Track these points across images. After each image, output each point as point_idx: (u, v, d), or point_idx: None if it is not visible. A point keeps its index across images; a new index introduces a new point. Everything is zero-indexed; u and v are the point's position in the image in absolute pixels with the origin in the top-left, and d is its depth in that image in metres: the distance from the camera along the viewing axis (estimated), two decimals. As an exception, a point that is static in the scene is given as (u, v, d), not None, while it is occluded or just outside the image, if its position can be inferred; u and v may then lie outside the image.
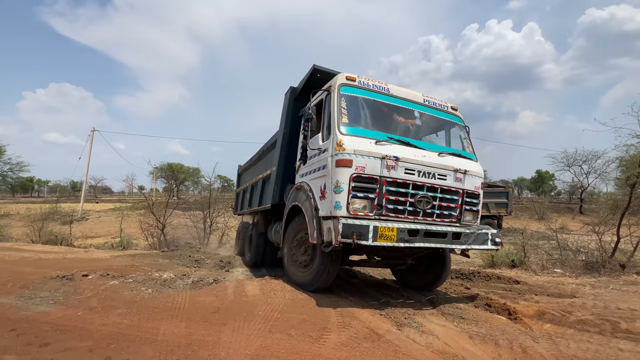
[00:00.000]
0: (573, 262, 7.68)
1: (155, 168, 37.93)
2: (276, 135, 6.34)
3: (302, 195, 4.72)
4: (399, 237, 3.75)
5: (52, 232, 12.82)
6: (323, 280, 4.32)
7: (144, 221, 12.84)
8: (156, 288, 4.33)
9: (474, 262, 9.38)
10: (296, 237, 4.93)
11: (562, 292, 5.31)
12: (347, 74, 4.53)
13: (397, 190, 4.06)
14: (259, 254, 7.36)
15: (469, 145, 5.06)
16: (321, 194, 4.21)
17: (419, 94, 4.99)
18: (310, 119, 4.61)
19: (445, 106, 5.12)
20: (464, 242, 4.20)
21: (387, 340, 2.98)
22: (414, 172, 4.15)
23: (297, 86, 5.78)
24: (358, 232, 3.60)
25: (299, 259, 4.80)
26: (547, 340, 3.20)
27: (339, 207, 3.86)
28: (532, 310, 4.03)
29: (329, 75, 4.99)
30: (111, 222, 22.95)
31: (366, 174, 3.94)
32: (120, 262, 6.29)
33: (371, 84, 4.60)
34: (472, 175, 4.57)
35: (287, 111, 5.79)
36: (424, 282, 5.32)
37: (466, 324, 3.61)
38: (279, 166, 5.90)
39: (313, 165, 4.60)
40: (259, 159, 8.11)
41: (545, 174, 48.82)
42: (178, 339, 2.84)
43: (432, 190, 4.25)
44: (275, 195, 5.95)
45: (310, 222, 4.26)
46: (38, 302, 3.73)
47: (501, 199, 19.97)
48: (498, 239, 4.45)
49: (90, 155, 30.23)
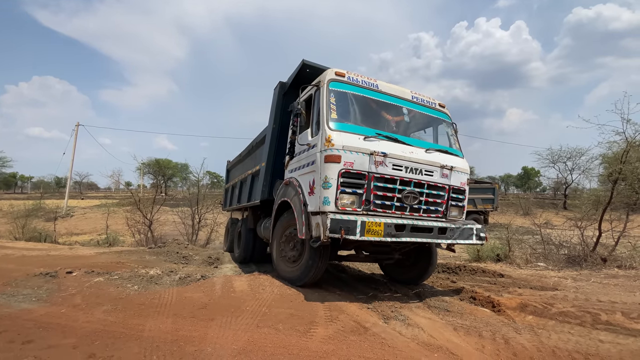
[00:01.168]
0: (556, 256, 7.88)
1: (142, 164, 37.33)
2: (265, 130, 6.27)
3: (290, 191, 4.72)
4: (386, 232, 3.80)
5: (35, 229, 12.53)
6: (311, 275, 4.35)
7: (131, 218, 12.65)
8: (142, 285, 4.28)
9: (460, 256, 9.54)
10: (285, 232, 4.93)
11: (544, 285, 5.45)
12: (337, 70, 4.52)
13: (384, 186, 4.11)
14: (247, 250, 7.35)
15: (456, 142, 5.13)
16: (310, 189, 4.22)
17: (408, 90, 5.00)
18: (300, 114, 4.60)
19: (433, 103, 5.17)
20: (450, 237, 4.27)
21: (374, 333, 3.02)
22: (401, 168, 4.21)
23: (286, 81, 5.73)
24: (346, 227, 3.64)
25: (287, 255, 4.81)
26: (529, 331, 3.28)
27: (328, 202, 3.89)
28: (515, 302, 4.12)
29: (318, 70, 4.98)
30: (97, 218, 22.54)
31: (354, 170, 3.97)
32: (106, 259, 6.19)
33: (360, 80, 4.60)
34: (458, 171, 4.65)
35: (277, 106, 5.74)
36: (411, 276, 5.40)
37: (451, 316, 3.69)
38: (268, 162, 5.86)
39: (302, 160, 4.60)
40: (248, 154, 8.04)
41: (531, 171, 49.86)
42: (164, 335, 2.82)
43: (419, 186, 4.33)
44: (265, 191, 5.93)
45: (299, 217, 4.28)
46: (21, 300, 3.65)
47: (488, 194, 20.35)
48: (483, 234, 4.54)
49: (75, 150, 29.56)
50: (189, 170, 40.15)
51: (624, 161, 7.43)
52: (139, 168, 40.01)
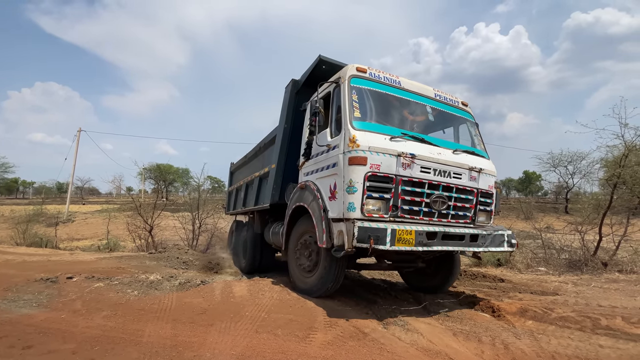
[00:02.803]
0: (557, 260, 7.85)
1: (143, 169, 37.45)
2: (275, 130, 5.98)
3: (308, 195, 4.40)
4: (418, 241, 3.50)
5: (36, 234, 12.54)
6: (328, 286, 4.07)
7: (132, 223, 12.63)
8: (142, 290, 4.29)
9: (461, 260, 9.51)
10: (300, 239, 4.63)
11: (545, 289, 5.44)
12: (358, 65, 4.22)
13: (413, 190, 3.82)
14: (255, 258, 6.90)
15: (481, 142, 4.83)
16: (331, 194, 3.92)
17: (430, 88, 4.74)
18: (318, 113, 4.18)
19: (456, 101, 4.91)
20: (481, 245, 4.00)
21: (373, 339, 3.02)
22: (429, 170, 3.91)
23: (299, 79, 5.44)
24: (375, 235, 3.34)
25: (303, 264, 4.49)
26: (529, 336, 3.28)
27: (353, 208, 3.57)
28: (515, 307, 4.12)
29: (336, 67, 4.73)
30: (98, 223, 22.55)
31: (382, 173, 3.67)
32: (106, 264, 6.21)
33: (382, 76, 4.31)
34: (486, 173, 4.37)
35: (288, 105, 5.43)
36: (434, 283, 5.11)
37: (451, 321, 3.68)
38: (279, 163, 5.54)
39: (320, 163, 4.30)
40: (255, 155, 7.65)
41: (532, 175, 49.72)
42: (163, 341, 2.83)
43: (447, 190, 4.03)
44: (275, 194, 5.58)
45: (319, 224, 3.98)
46: (21, 305, 3.67)
47: (489, 199, 20.27)
48: (514, 240, 4.28)
49: (77, 155, 29.59)
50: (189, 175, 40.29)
51: (623, 165, 7.44)
52: (140, 173, 40.15)
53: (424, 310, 4.08)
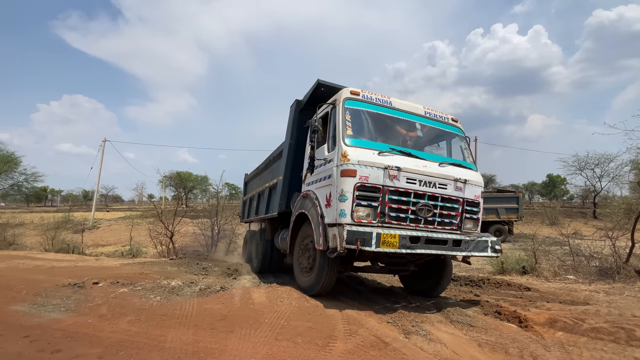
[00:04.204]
0: (586, 268, 7.50)
1: (164, 177, 38.40)
2: (282, 145, 6.52)
3: (308, 203, 4.86)
4: (401, 244, 3.89)
5: (64, 240, 13.05)
6: (322, 284, 4.46)
7: (153, 229, 12.97)
8: (164, 296, 4.37)
9: (483, 268, 9.24)
10: (302, 243, 5.09)
11: (574, 299, 5.20)
12: (352, 89, 4.70)
13: (399, 199, 4.20)
14: (265, 260, 7.58)
15: (469, 156, 5.22)
16: (327, 202, 4.35)
17: (420, 106, 5.13)
18: (317, 131, 4.79)
19: (446, 118, 5.28)
20: (464, 249, 4.32)
21: (394, 349, 2.95)
22: (415, 181, 4.30)
23: (302, 99, 5.99)
24: (362, 238, 3.74)
25: (303, 264, 4.96)
26: (559, 348, 3.13)
27: (344, 214, 4.00)
28: (543, 317, 3.95)
29: (333, 89, 5.21)
30: (121, 230, 23.27)
31: (369, 184, 4.09)
32: (130, 270, 6.37)
33: (374, 98, 4.77)
34: (472, 184, 4.72)
35: (293, 123, 5.99)
36: (426, 287, 5.41)
37: (475, 331, 3.56)
38: (285, 175, 6.08)
39: (319, 174, 4.76)
40: (266, 168, 8.26)
41: (556, 178, 48.00)
42: (185, 347, 2.86)
43: (433, 199, 4.39)
44: (282, 203, 6.11)
45: (316, 229, 4.40)
46: (50, 310, 3.80)
47: (511, 204, 19.67)
48: (498, 247, 4.57)
49: (102, 165, 30.78)
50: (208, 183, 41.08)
51: (656, 168, 7.07)
52: (161, 181, 41.25)
53: (447, 319, 3.97)
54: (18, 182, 27.81)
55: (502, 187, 39.32)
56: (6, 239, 13.56)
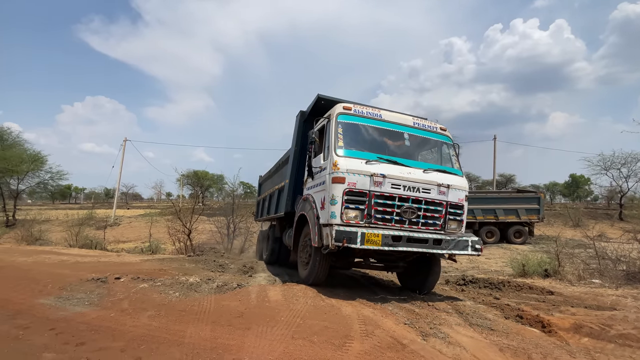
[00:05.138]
0: (613, 272, 7.20)
1: (182, 175, 39.25)
2: (289, 152, 7.02)
3: (307, 206, 5.38)
4: (384, 242, 4.34)
5: (87, 236, 13.50)
6: (315, 275, 5.01)
7: (172, 226, 13.25)
8: (183, 292, 4.46)
9: (503, 270, 9.01)
10: (303, 240, 5.65)
11: (601, 304, 5.00)
12: (344, 104, 5.19)
13: (384, 202, 4.64)
14: (274, 255, 8.57)
15: (457, 162, 5.56)
16: (321, 205, 4.85)
17: (410, 117, 5.58)
18: (314, 142, 5.36)
19: (434, 127, 5.65)
20: (445, 248, 4.68)
21: (412, 350, 2.91)
22: (399, 187, 4.71)
23: (305, 110, 6.48)
24: (348, 237, 4.25)
25: (303, 259, 5.51)
26: (585, 355, 3.02)
27: (334, 216, 4.50)
28: (568, 322, 3.81)
29: (331, 102, 5.67)
30: (141, 227, 23.89)
31: (357, 189, 4.56)
32: (150, 266, 6.52)
33: (365, 112, 5.22)
34: (455, 188, 5.05)
35: (298, 131, 6.51)
36: (416, 283, 5.69)
37: (496, 335, 3.47)
38: (290, 179, 6.61)
39: (316, 180, 5.28)
40: (276, 171, 8.85)
41: (580, 178, 46.30)
42: (204, 342, 2.90)
43: (417, 202, 4.80)
44: (288, 204, 6.67)
45: (313, 228, 4.89)
46: (75, 303, 3.94)
47: (532, 204, 19.04)
48: (478, 246, 4.91)
49: (123, 163, 31.73)
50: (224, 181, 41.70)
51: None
52: (178, 179, 42.17)
53: (466, 322, 3.88)
54: (44, 180, 29.09)
55: (522, 187, 38.24)
56: (33, 234, 14.16)
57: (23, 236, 13.93)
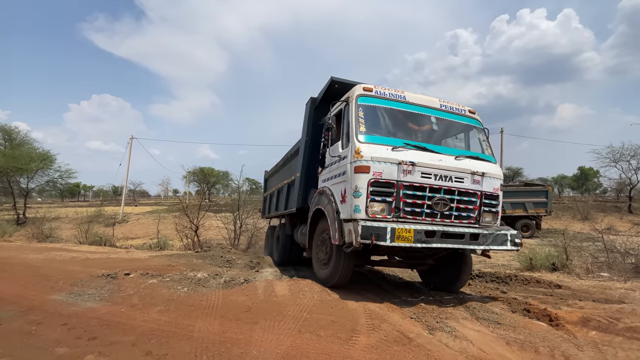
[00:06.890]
0: (621, 265, 7.13)
1: (188, 172, 39.48)
2: (299, 143, 6.62)
3: (324, 200, 4.93)
4: (416, 238, 3.88)
5: (97, 233, 13.68)
6: (339, 276, 4.57)
7: (179, 223, 13.37)
8: (191, 287, 4.51)
9: (510, 264, 8.96)
10: (319, 237, 5.23)
11: (609, 297, 4.96)
12: (365, 85, 4.70)
13: (414, 194, 4.18)
14: (285, 254, 7.95)
15: (488, 147, 5.07)
16: (342, 198, 4.40)
17: (436, 99, 5.03)
18: (331, 128, 4.91)
19: (463, 110, 5.14)
20: (482, 243, 4.24)
21: (419, 344, 2.92)
22: (430, 175, 4.25)
23: (316, 97, 6.01)
24: (376, 233, 3.78)
25: (321, 258, 5.09)
26: (593, 348, 3.01)
27: (358, 210, 4.04)
28: (575, 316, 3.79)
29: (347, 85, 5.18)
30: (149, 224, 24.15)
31: (383, 179, 4.10)
32: (158, 262, 6.61)
33: (387, 93, 4.73)
34: (490, 177, 4.60)
35: (308, 120, 6.07)
36: (445, 282, 5.33)
37: (503, 329, 3.47)
38: (302, 172, 6.20)
39: (333, 171, 4.84)
40: (284, 165, 8.42)
41: (588, 171, 45.67)
42: (212, 336, 2.95)
43: (450, 193, 4.33)
44: (300, 199, 6.26)
45: (332, 224, 4.46)
46: (86, 299, 4.01)
47: (540, 197, 18.88)
48: (518, 240, 4.45)
49: (130, 161, 31.99)
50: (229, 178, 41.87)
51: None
52: (185, 176, 42.42)
53: (472, 316, 3.88)
54: (53, 179, 29.50)
55: (529, 180, 37.84)
56: (43, 232, 14.39)
57: (34, 234, 14.16)
